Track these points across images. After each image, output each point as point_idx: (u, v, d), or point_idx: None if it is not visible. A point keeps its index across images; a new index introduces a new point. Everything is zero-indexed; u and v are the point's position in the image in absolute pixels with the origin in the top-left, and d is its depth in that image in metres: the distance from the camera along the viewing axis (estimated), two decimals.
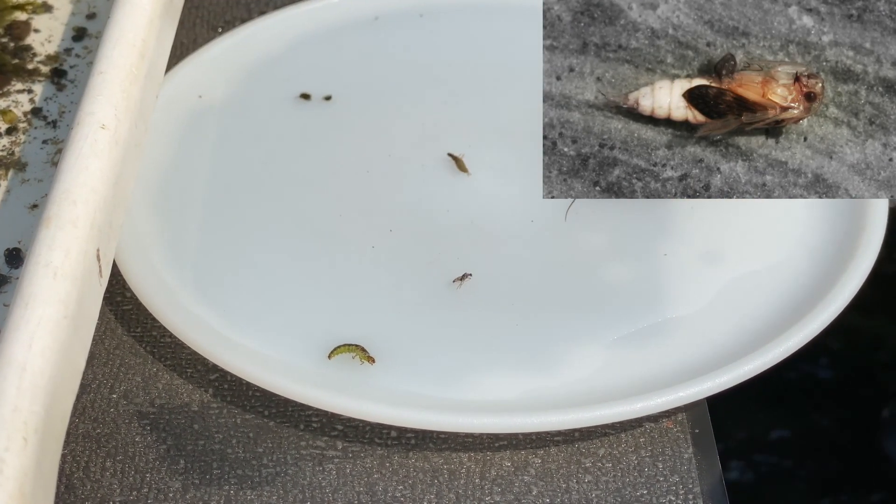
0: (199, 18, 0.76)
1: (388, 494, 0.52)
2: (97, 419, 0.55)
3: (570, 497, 0.52)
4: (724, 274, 0.60)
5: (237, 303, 0.58)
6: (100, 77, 0.56)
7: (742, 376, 0.54)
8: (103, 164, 0.53)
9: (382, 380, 0.55)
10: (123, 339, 0.59)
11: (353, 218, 0.63)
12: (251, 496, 0.52)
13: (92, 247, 0.50)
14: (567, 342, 0.56)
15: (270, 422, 0.55)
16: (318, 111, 0.69)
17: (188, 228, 0.62)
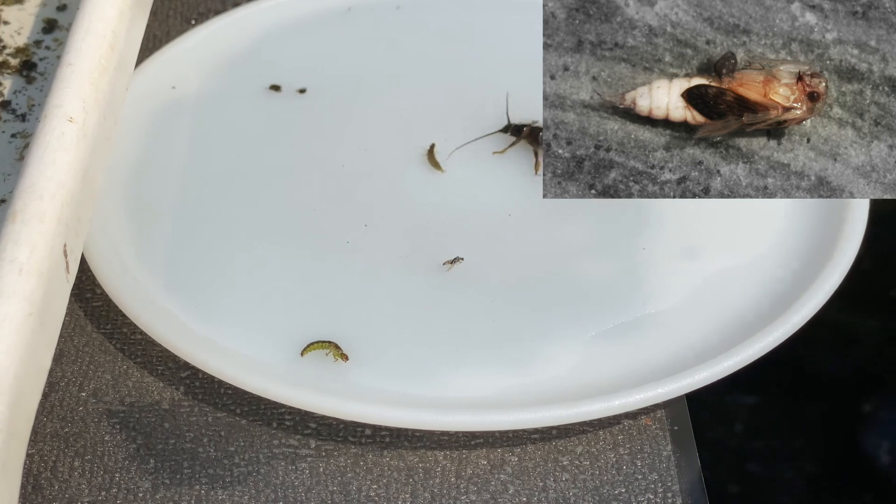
0: (173, 10, 0.75)
1: (361, 494, 0.52)
2: (65, 418, 0.54)
3: (548, 496, 0.52)
4: (704, 268, 0.59)
5: (209, 299, 0.57)
6: (68, 69, 0.55)
7: (722, 372, 0.54)
8: (71, 157, 0.52)
9: (357, 377, 0.54)
10: (93, 336, 0.58)
11: (327, 212, 0.62)
12: (222, 496, 0.52)
13: (59, 242, 0.49)
14: (544, 338, 0.56)
15: (242, 420, 0.54)
16: (292, 104, 0.68)
17: (159, 224, 0.61)
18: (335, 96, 0.68)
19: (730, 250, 0.60)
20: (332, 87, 0.69)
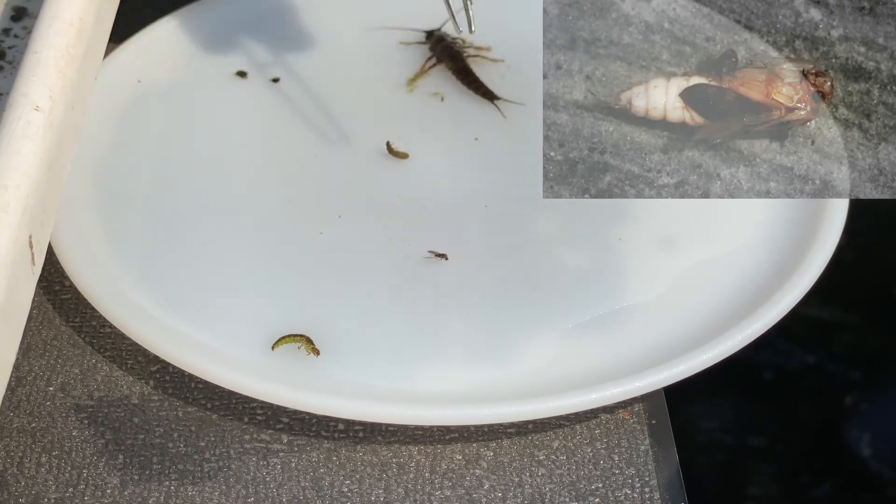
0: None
1: (334, 489, 0.51)
2: (33, 413, 0.53)
3: (523, 491, 0.51)
4: (682, 261, 0.59)
5: (180, 292, 0.57)
6: (34, 57, 0.54)
7: (700, 365, 0.53)
8: (36, 147, 0.51)
9: (330, 371, 0.53)
10: (61, 330, 0.57)
11: (300, 203, 0.61)
12: (192, 492, 0.51)
13: (24, 233, 0.48)
14: (520, 331, 0.55)
15: (213, 415, 0.53)
16: (265, 94, 0.67)
17: (130, 215, 0.60)
18: (309, 86, 0.68)
19: (708, 242, 0.60)
20: (305, 77, 0.68)
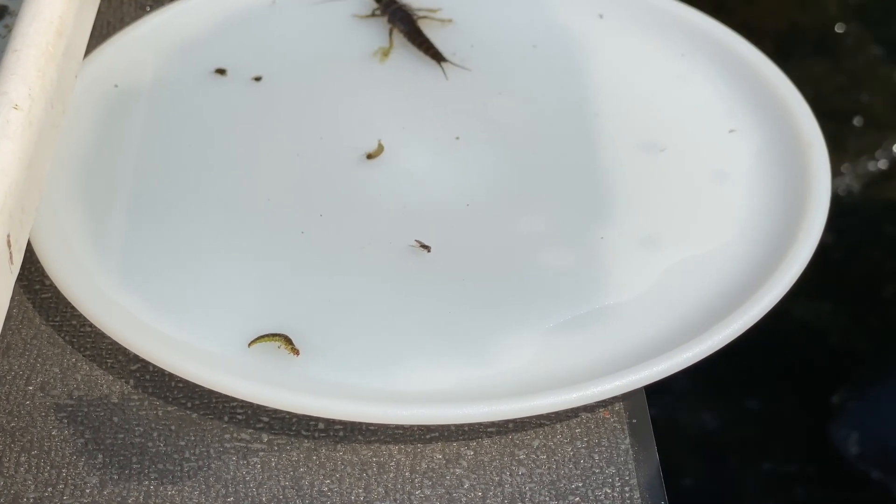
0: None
1: (314, 489, 0.51)
2: (12, 412, 0.53)
3: (503, 490, 0.51)
4: (664, 258, 0.58)
5: (160, 291, 0.56)
6: (14, 55, 0.54)
7: (681, 364, 0.53)
8: (15, 145, 0.51)
9: (310, 369, 0.53)
10: (41, 329, 0.57)
11: (281, 202, 0.61)
12: (172, 491, 0.51)
13: (2, 232, 0.48)
14: (501, 330, 0.55)
15: (193, 414, 0.53)
16: (247, 93, 0.67)
17: (110, 213, 0.60)
18: (291, 85, 0.67)
19: (690, 240, 0.59)
20: (288, 75, 0.68)
